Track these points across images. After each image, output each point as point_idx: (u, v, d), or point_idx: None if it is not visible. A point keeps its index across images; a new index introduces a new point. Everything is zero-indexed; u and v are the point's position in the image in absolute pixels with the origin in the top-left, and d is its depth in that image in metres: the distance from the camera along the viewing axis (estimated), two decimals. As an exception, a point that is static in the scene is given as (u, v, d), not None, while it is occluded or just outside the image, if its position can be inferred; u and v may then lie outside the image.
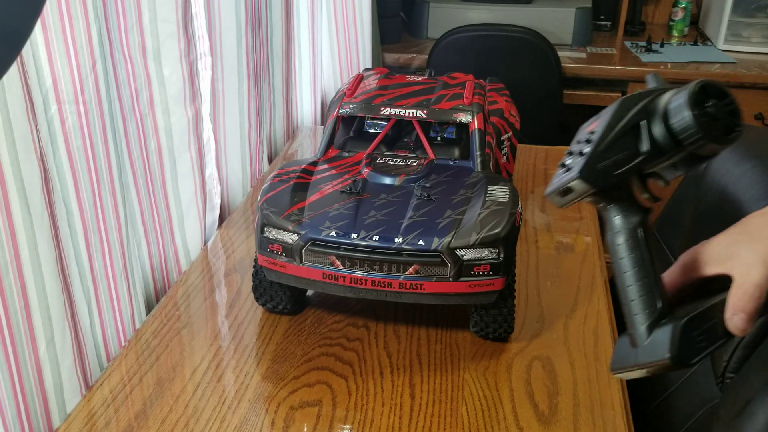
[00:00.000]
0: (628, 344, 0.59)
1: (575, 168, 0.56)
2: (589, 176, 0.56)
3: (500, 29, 2.12)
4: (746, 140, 1.19)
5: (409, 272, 0.83)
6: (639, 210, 0.58)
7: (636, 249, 0.58)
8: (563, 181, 0.57)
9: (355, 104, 1.01)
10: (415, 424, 0.80)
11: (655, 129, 0.56)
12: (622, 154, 0.57)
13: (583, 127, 0.60)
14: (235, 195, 1.37)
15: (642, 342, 0.57)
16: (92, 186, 0.88)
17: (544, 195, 0.60)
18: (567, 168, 0.58)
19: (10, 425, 0.77)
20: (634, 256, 0.58)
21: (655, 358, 0.56)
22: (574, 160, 0.58)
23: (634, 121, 0.56)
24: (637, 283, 0.58)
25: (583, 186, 0.56)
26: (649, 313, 0.57)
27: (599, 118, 0.59)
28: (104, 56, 0.86)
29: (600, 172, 0.56)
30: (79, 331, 0.86)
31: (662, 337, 0.56)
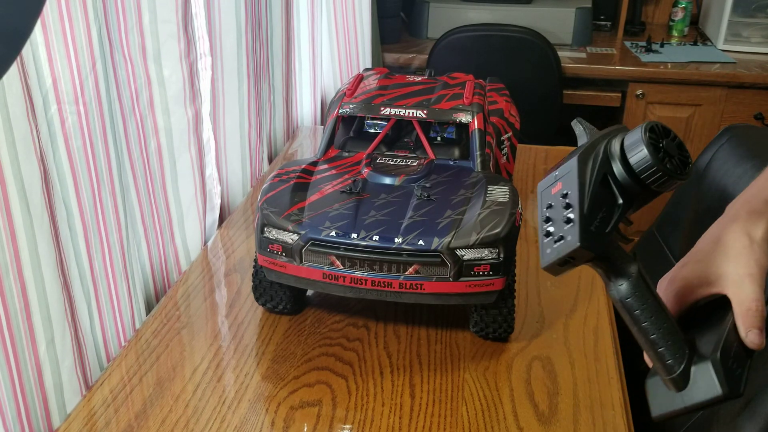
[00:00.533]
0: (664, 389, 0.61)
1: (571, 237, 0.56)
2: (589, 243, 0.56)
3: (500, 29, 2.12)
4: (746, 140, 1.19)
5: (409, 272, 0.83)
6: (630, 259, 0.59)
7: (647, 295, 0.59)
8: (564, 252, 0.56)
9: (355, 104, 1.01)
10: (415, 424, 0.80)
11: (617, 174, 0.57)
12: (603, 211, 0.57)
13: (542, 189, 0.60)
14: (235, 195, 1.37)
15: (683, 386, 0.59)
16: (92, 186, 0.88)
17: (541, 268, 0.59)
18: (555, 237, 0.57)
19: (10, 425, 0.77)
20: (648, 306, 0.59)
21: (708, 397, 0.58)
22: (560, 227, 0.57)
23: (600, 174, 0.57)
24: (659, 331, 0.59)
25: (585, 254, 0.56)
26: (680, 356, 0.59)
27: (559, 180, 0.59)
28: (104, 56, 0.86)
29: (595, 234, 0.56)
30: (79, 331, 0.86)
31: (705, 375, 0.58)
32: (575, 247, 0.55)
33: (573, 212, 0.56)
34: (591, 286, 1.05)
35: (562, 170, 0.59)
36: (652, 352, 0.60)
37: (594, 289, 1.04)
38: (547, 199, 0.59)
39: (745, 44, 2.27)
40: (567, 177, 0.58)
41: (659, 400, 0.61)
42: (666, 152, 0.57)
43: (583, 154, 0.58)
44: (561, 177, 0.59)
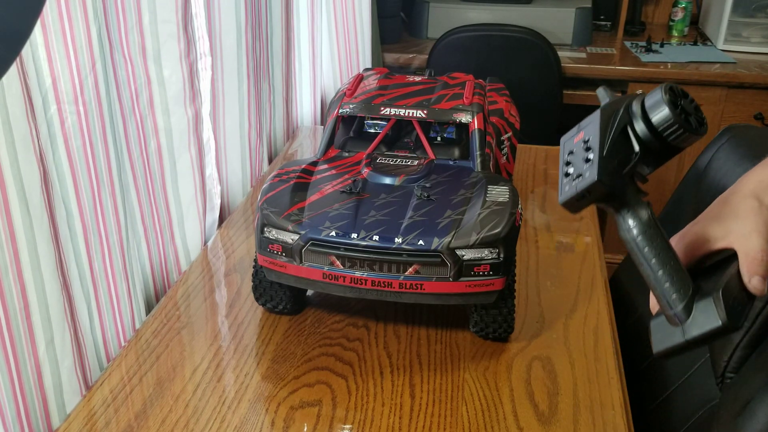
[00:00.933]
0: (667, 326, 0.64)
1: (589, 173, 0.60)
2: (606, 178, 0.60)
3: (500, 29, 2.12)
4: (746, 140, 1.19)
5: (409, 272, 0.83)
6: (643, 203, 0.63)
7: (656, 237, 0.63)
8: (581, 186, 0.61)
9: (355, 104, 1.01)
10: (415, 424, 0.80)
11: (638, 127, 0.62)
12: (621, 156, 0.62)
13: (566, 140, 0.65)
14: (235, 195, 1.37)
15: (685, 319, 0.62)
16: (92, 186, 0.88)
17: (560, 204, 0.63)
18: (574, 176, 0.62)
19: (10, 425, 0.77)
20: (657, 244, 0.63)
21: (707, 328, 0.61)
22: (579, 167, 0.62)
23: (621, 125, 0.62)
24: (665, 268, 0.63)
25: (601, 188, 0.60)
26: (683, 292, 0.62)
27: (582, 130, 0.64)
28: (104, 57, 0.86)
29: (611, 172, 0.61)
30: (78, 331, 0.86)
31: (706, 309, 0.61)
32: (593, 182, 0.60)
33: (592, 153, 0.61)
34: (591, 286, 1.05)
35: (585, 122, 0.64)
36: (658, 289, 0.63)
37: (594, 289, 1.04)
38: (568, 148, 0.64)
39: (745, 44, 2.27)
40: (589, 126, 0.63)
41: (661, 337, 0.64)
42: (684, 110, 0.61)
43: (605, 108, 0.63)
44: (584, 127, 0.64)
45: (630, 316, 1.33)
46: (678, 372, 1.12)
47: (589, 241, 1.17)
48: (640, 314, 1.31)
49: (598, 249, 1.15)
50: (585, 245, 1.16)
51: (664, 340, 0.64)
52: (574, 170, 0.62)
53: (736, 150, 1.17)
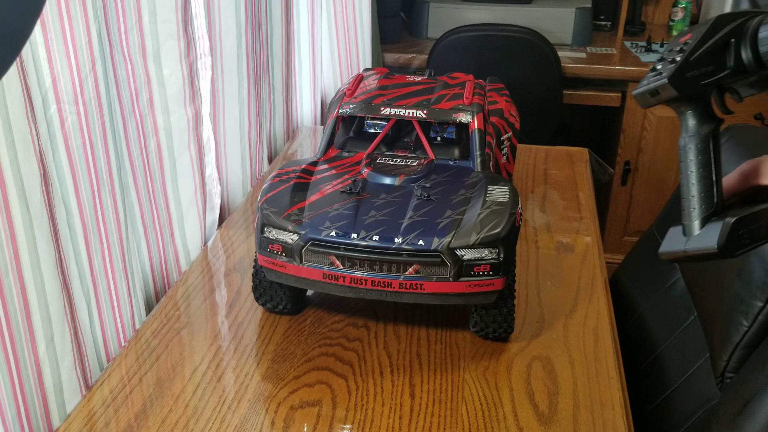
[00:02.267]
0: (680, 233, 0.66)
1: (665, 73, 0.62)
2: (677, 83, 0.61)
3: (500, 29, 2.12)
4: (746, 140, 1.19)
5: (409, 272, 0.83)
6: (713, 119, 0.64)
7: (705, 152, 0.64)
8: (653, 85, 0.62)
9: (355, 104, 1.01)
10: (415, 424, 0.80)
11: (743, 50, 0.62)
12: (710, 67, 0.62)
13: (676, 37, 0.66)
14: (235, 195, 1.37)
15: (693, 232, 0.64)
16: (92, 186, 0.88)
17: (632, 94, 0.65)
18: (657, 72, 0.63)
19: (10, 425, 0.77)
20: (702, 159, 0.64)
21: (702, 246, 0.63)
22: (665, 65, 0.63)
23: (725, 39, 0.62)
24: (700, 182, 0.64)
25: (670, 91, 0.62)
26: (706, 208, 0.64)
27: (692, 31, 0.64)
28: (104, 56, 0.86)
29: (687, 80, 0.62)
30: (78, 331, 0.86)
31: (713, 229, 0.63)
32: (663, 82, 0.61)
33: (681, 56, 0.62)
34: (591, 286, 1.05)
35: (698, 25, 0.64)
36: (686, 198, 0.65)
37: (594, 290, 1.04)
38: (673, 45, 0.65)
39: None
40: (697, 30, 0.63)
41: (670, 241, 0.67)
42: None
43: (723, 16, 0.63)
44: (694, 29, 0.64)
45: (630, 316, 1.33)
46: (678, 372, 1.12)
47: (589, 241, 1.17)
48: (640, 314, 1.31)
49: (598, 249, 1.15)
50: (585, 245, 1.16)
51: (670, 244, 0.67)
52: (660, 67, 0.63)
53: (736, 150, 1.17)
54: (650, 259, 1.37)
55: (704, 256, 0.63)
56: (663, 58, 0.64)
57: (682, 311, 1.18)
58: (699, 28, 0.63)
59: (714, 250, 0.62)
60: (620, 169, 2.28)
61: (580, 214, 1.25)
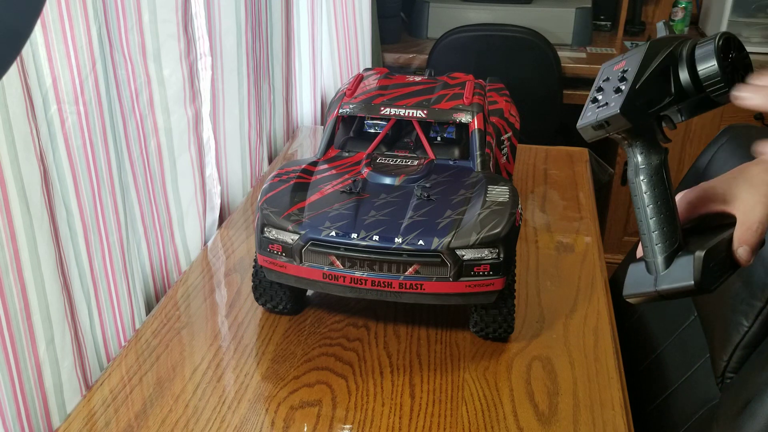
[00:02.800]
0: (643, 272, 0.64)
1: (614, 103, 0.59)
2: (629, 113, 0.59)
3: (500, 29, 2.12)
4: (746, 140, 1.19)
5: (409, 272, 0.83)
6: (659, 149, 0.63)
7: (659, 184, 0.62)
8: (602, 116, 0.60)
9: (355, 104, 1.01)
10: (415, 424, 0.80)
11: (681, 74, 0.61)
12: (654, 95, 0.60)
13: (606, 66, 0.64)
14: (235, 195, 1.37)
15: (660, 270, 0.62)
16: (92, 186, 0.88)
17: (577, 127, 0.62)
18: (600, 103, 0.61)
19: (10, 425, 0.77)
20: (657, 192, 0.62)
21: (677, 284, 0.61)
22: (608, 96, 0.60)
23: (663, 64, 0.60)
24: (659, 215, 0.62)
25: (622, 121, 0.59)
26: (669, 244, 0.62)
27: (625, 59, 0.62)
28: (104, 56, 0.86)
29: (637, 109, 0.59)
30: (79, 331, 0.86)
31: (684, 265, 0.61)
32: (614, 113, 0.59)
33: (625, 84, 0.60)
34: (591, 286, 1.05)
35: (630, 52, 0.62)
36: (646, 235, 0.63)
37: (594, 290, 1.04)
38: (606, 74, 0.63)
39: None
40: (632, 57, 0.61)
41: (635, 281, 0.64)
42: (733, 66, 0.61)
43: (655, 43, 0.61)
44: (627, 57, 0.62)
45: (630, 316, 1.33)
46: (678, 372, 1.12)
47: (589, 241, 1.17)
48: (640, 314, 1.31)
49: (598, 249, 1.15)
50: (585, 245, 1.16)
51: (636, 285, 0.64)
52: (603, 97, 0.61)
53: (736, 150, 1.17)
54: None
55: (680, 293, 0.61)
56: (601, 88, 0.61)
57: (682, 311, 1.18)
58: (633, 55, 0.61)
59: (691, 287, 0.60)
60: (620, 169, 2.28)
61: (580, 214, 1.25)
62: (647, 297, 0.63)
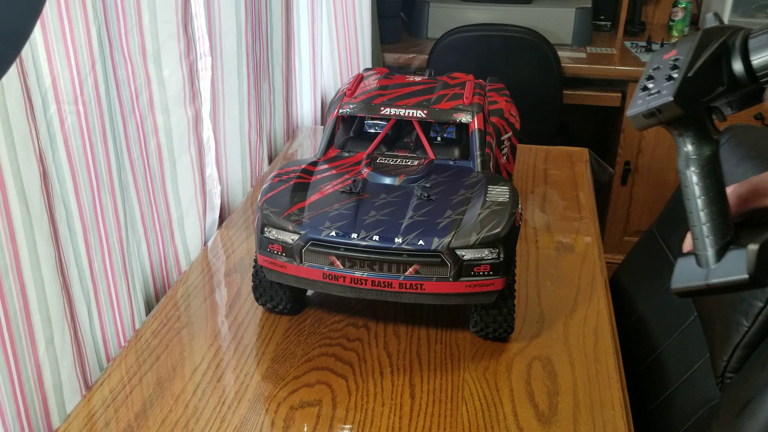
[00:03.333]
0: (693, 265, 0.62)
1: (667, 91, 0.58)
2: (682, 100, 0.57)
3: (500, 29, 2.12)
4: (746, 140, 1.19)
5: (409, 272, 0.83)
6: (711, 140, 0.61)
7: (711, 175, 0.61)
8: (654, 104, 0.58)
9: (355, 104, 1.01)
10: (415, 424, 0.80)
11: (734, 64, 0.59)
12: (706, 84, 0.59)
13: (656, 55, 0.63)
14: (235, 195, 1.37)
15: (711, 263, 0.61)
16: (92, 186, 0.88)
17: (627, 116, 0.61)
18: (651, 91, 0.59)
19: (10, 425, 0.77)
20: (708, 183, 0.61)
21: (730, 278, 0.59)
22: (659, 84, 0.59)
23: (717, 53, 0.59)
24: (710, 208, 0.61)
25: (674, 110, 0.58)
26: (720, 236, 0.61)
27: (675, 48, 0.61)
28: (104, 57, 0.86)
29: (690, 97, 0.58)
30: (78, 331, 0.86)
31: (737, 258, 0.59)
32: (668, 101, 0.57)
33: (677, 72, 0.58)
34: (591, 286, 1.05)
35: (681, 41, 0.61)
36: (696, 227, 0.62)
37: (594, 290, 1.04)
38: (656, 63, 0.62)
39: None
40: (684, 45, 0.60)
41: (683, 275, 0.63)
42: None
43: (707, 31, 0.60)
44: (677, 45, 0.61)
45: (630, 316, 1.33)
46: (678, 372, 1.12)
47: (589, 241, 1.17)
48: (640, 314, 1.31)
49: (598, 249, 1.15)
50: (585, 245, 1.16)
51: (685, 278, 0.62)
52: (654, 86, 0.60)
53: (736, 150, 1.17)
54: (650, 259, 1.37)
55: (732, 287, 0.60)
56: (651, 77, 0.61)
57: (682, 311, 1.18)
58: (684, 43, 0.60)
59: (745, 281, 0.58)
60: (620, 169, 2.28)
61: (580, 214, 1.25)
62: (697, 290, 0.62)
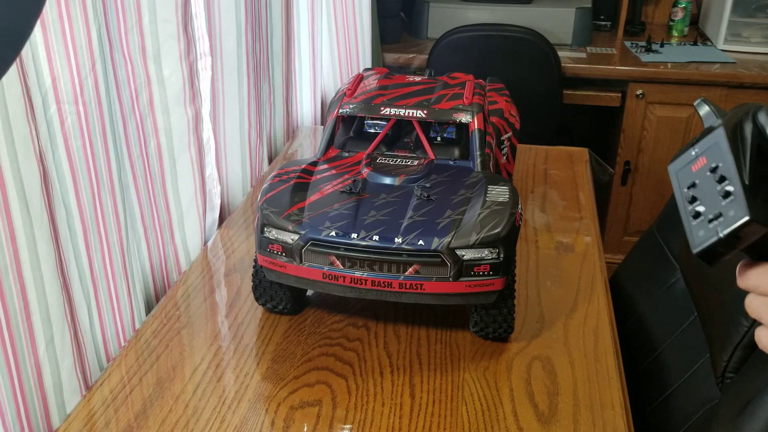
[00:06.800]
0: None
1: (735, 211, 0.48)
2: (760, 213, 0.48)
3: (500, 29, 2.12)
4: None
5: (409, 272, 0.83)
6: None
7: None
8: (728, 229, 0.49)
9: (355, 104, 1.01)
10: (415, 424, 0.80)
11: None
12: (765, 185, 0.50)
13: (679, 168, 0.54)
14: (235, 195, 1.37)
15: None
16: (92, 186, 0.88)
17: (695, 253, 0.51)
18: (709, 216, 0.50)
19: (10, 425, 0.77)
20: None
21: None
22: (714, 204, 0.50)
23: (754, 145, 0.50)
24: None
25: (757, 228, 0.48)
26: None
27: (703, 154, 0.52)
28: (104, 57, 0.86)
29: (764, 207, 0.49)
30: (78, 331, 0.86)
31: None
32: (744, 220, 0.48)
33: (731, 185, 0.49)
34: (591, 286, 1.05)
35: (702, 145, 0.52)
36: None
37: (594, 289, 1.04)
38: (687, 179, 0.52)
39: (745, 44, 2.27)
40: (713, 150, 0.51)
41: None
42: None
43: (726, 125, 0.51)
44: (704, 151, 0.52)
45: (630, 316, 1.33)
46: (678, 372, 1.12)
47: (589, 241, 1.17)
48: (640, 314, 1.31)
49: (598, 249, 1.15)
50: (585, 245, 1.16)
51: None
52: (707, 208, 0.50)
53: (736, 150, 1.17)
54: (650, 259, 1.37)
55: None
56: (695, 198, 0.51)
57: (682, 311, 1.18)
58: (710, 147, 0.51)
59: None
60: (620, 169, 2.28)
61: (580, 214, 1.25)
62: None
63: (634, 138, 2.23)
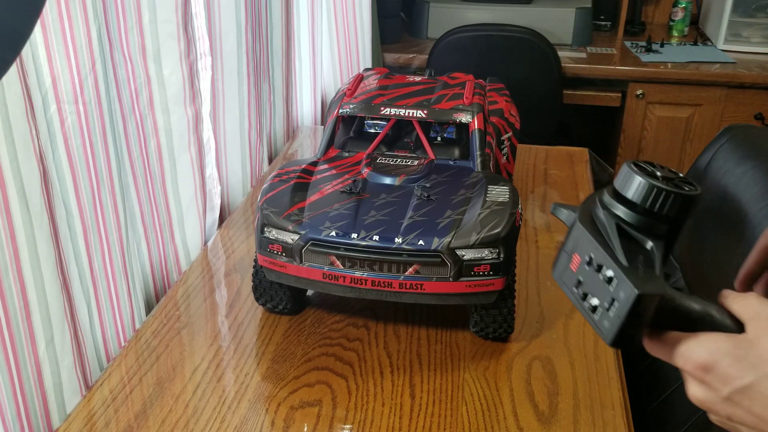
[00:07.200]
0: None
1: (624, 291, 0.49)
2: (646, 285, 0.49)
3: (500, 29, 2.12)
4: (746, 140, 1.19)
5: (409, 272, 0.83)
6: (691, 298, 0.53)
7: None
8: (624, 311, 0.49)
9: (355, 104, 1.01)
10: (415, 424, 0.80)
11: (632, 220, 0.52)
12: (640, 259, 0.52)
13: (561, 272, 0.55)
14: (235, 195, 1.37)
15: None
16: (92, 186, 0.88)
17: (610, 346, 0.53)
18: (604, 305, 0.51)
19: (10, 425, 0.77)
20: None
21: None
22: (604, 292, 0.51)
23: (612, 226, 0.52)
24: None
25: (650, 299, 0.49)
26: None
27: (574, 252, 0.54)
28: (104, 56, 0.86)
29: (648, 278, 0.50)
30: (78, 331, 0.86)
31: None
32: (635, 296, 0.48)
33: (609, 269, 0.50)
34: (591, 286, 1.05)
35: (570, 244, 0.54)
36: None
37: (594, 289, 1.04)
38: (571, 279, 0.54)
39: (745, 44, 2.27)
40: (580, 245, 0.53)
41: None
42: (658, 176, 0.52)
43: (582, 219, 0.53)
44: (574, 249, 0.54)
45: (630, 316, 1.33)
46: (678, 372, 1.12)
47: (589, 241, 1.17)
48: (640, 314, 1.31)
49: (598, 249, 1.15)
50: (585, 245, 1.15)
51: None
52: (600, 299, 0.51)
53: (736, 150, 1.17)
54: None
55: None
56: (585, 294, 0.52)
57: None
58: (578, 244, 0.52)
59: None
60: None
61: (580, 214, 1.25)
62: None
63: (634, 138, 2.23)
